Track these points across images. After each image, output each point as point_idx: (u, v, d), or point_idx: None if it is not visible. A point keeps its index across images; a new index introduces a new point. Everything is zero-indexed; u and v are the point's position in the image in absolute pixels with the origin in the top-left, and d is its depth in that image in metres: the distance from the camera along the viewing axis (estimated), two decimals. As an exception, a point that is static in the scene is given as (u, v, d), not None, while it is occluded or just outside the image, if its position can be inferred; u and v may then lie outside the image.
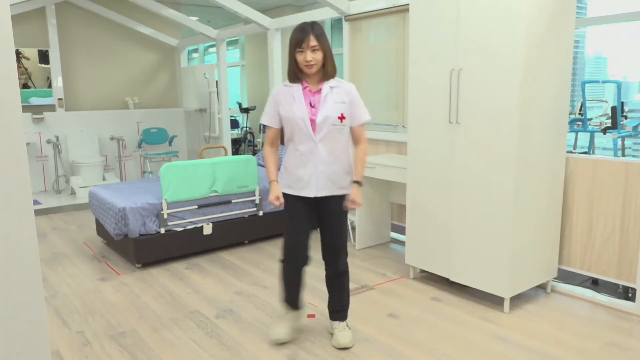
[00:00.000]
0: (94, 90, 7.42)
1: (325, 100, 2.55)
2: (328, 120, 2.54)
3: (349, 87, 2.62)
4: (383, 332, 2.91)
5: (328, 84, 2.57)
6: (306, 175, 2.58)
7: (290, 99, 2.56)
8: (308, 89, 2.57)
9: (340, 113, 2.56)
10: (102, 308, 3.30)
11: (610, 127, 4.54)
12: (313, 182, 2.59)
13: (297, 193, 2.63)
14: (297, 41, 2.48)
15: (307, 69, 2.50)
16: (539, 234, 3.20)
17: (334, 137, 2.58)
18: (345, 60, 4.97)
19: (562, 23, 3.03)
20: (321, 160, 2.57)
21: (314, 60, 2.48)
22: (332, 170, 2.60)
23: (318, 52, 2.49)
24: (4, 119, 1.59)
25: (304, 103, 2.54)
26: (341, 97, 2.58)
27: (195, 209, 4.21)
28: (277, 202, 2.61)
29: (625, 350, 2.67)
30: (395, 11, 4.38)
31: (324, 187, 2.60)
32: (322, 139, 2.55)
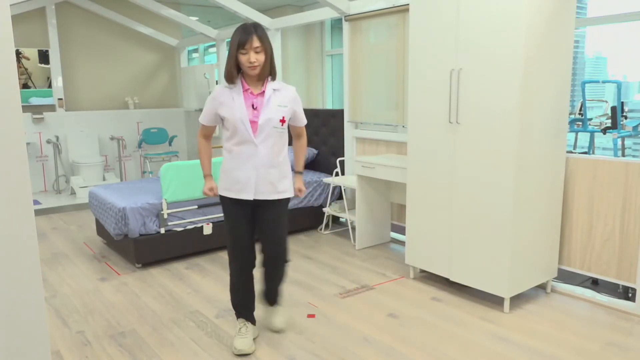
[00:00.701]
0: (94, 90, 7.42)
1: (268, 102, 2.54)
2: (270, 122, 2.53)
3: (291, 91, 2.64)
4: (383, 332, 2.91)
5: (271, 87, 2.57)
6: (245, 177, 2.56)
7: (230, 100, 2.54)
8: (250, 91, 2.55)
9: (282, 116, 2.56)
10: (102, 308, 3.30)
11: (610, 127, 4.54)
12: (252, 185, 2.57)
13: (235, 196, 2.60)
14: (240, 42, 2.46)
15: (251, 70, 2.49)
16: (539, 234, 3.20)
17: (274, 139, 2.57)
18: (345, 60, 4.97)
19: (562, 23, 3.03)
20: (261, 162, 2.55)
21: (257, 61, 2.47)
22: (272, 173, 2.58)
23: (261, 53, 2.48)
24: (4, 119, 1.59)
25: (244, 105, 2.52)
26: (284, 100, 2.58)
27: (195, 209, 4.21)
28: (211, 193, 2.67)
29: (625, 350, 2.67)
30: (395, 11, 4.38)
31: (264, 190, 2.59)
32: (262, 141, 2.54)
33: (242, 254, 2.69)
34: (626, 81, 5.61)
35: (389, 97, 4.61)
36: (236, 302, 2.79)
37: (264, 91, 2.56)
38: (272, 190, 2.60)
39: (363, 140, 4.95)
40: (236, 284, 2.76)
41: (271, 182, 2.59)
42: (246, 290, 2.78)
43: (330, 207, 4.92)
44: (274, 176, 2.60)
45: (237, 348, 2.65)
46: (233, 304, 2.80)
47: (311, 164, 5.47)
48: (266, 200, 2.62)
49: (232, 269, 2.74)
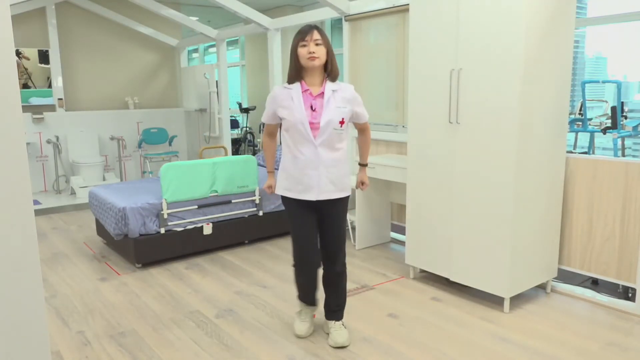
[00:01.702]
0: (94, 90, 7.42)
1: (328, 104, 2.54)
2: (330, 124, 2.54)
3: (349, 89, 2.63)
4: (383, 332, 2.91)
5: (330, 87, 2.57)
6: (307, 178, 2.58)
7: (289, 101, 2.55)
8: (309, 92, 2.56)
9: (342, 117, 2.57)
10: (102, 308, 3.30)
11: (610, 127, 4.54)
12: (315, 186, 2.58)
13: (298, 196, 2.62)
14: (300, 36, 2.50)
15: (310, 61, 2.49)
16: (539, 234, 3.20)
17: (334, 140, 2.58)
18: (345, 60, 4.96)
19: (562, 23, 3.03)
20: (322, 163, 2.57)
21: (317, 52, 2.48)
22: (333, 172, 2.60)
23: (321, 46, 2.50)
24: (4, 119, 1.59)
25: (303, 106, 2.53)
26: (343, 101, 2.58)
27: (195, 209, 4.21)
28: (269, 191, 2.81)
29: (625, 350, 2.67)
30: (395, 11, 4.38)
31: (326, 190, 2.60)
32: (322, 143, 2.55)
33: (309, 253, 2.71)
34: (626, 81, 5.61)
35: (389, 97, 4.61)
36: (301, 291, 2.85)
37: (323, 92, 2.56)
38: (334, 189, 2.62)
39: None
40: (303, 284, 2.81)
41: (332, 181, 2.61)
42: (312, 284, 2.81)
43: (330, 207, 4.91)
44: (335, 175, 2.61)
45: (296, 332, 2.85)
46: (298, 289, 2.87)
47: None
48: (329, 199, 2.63)
49: (298, 270, 2.77)
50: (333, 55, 2.57)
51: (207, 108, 7.35)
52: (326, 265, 2.78)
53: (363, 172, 2.89)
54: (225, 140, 7.15)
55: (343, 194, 2.67)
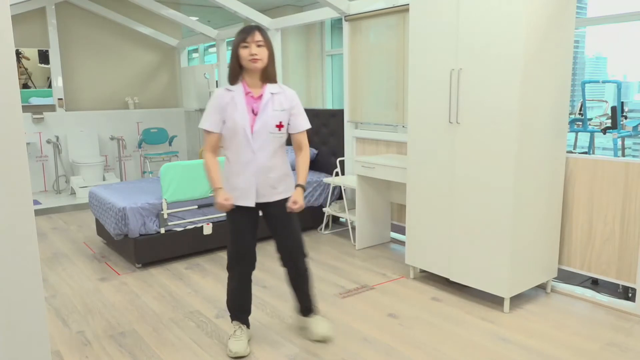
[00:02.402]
0: (94, 90, 7.43)
1: (265, 107, 2.50)
2: (265, 128, 2.50)
3: (290, 94, 2.59)
4: (383, 332, 2.91)
5: (269, 90, 2.53)
6: (244, 183, 2.54)
7: (232, 105, 2.50)
8: (250, 95, 2.52)
9: (279, 121, 2.53)
10: (102, 308, 3.30)
11: (610, 127, 4.54)
12: (252, 191, 2.55)
13: (235, 202, 2.57)
14: (242, 37, 2.45)
15: (252, 63, 2.44)
16: (539, 234, 3.20)
17: (272, 144, 2.54)
18: (345, 60, 4.97)
19: (562, 23, 3.03)
20: (259, 168, 2.52)
21: (259, 54, 2.44)
22: (271, 177, 2.56)
23: (263, 48, 2.45)
24: (4, 119, 1.59)
25: (246, 110, 2.50)
26: (281, 104, 2.54)
27: (195, 209, 4.21)
28: (227, 203, 2.50)
29: (625, 350, 2.67)
30: (395, 11, 4.38)
31: (264, 194, 2.57)
32: (260, 147, 2.51)
33: (245, 259, 2.68)
34: (626, 81, 5.61)
35: (389, 97, 4.61)
36: (234, 306, 2.76)
37: (262, 95, 2.53)
38: (272, 192, 2.59)
39: (363, 140, 4.95)
40: (235, 289, 2.73)
41: (271, 185, 2.58)
42: (245, 294, 2.75)
43: (330, 207, 4.92)
44: (274, 179, 2.58)
45: (233, 351, 2.63)
46: (229, 306, 2.77)
47: (311, 164, 5.47)
48: (269, 202, 2.61)
49: (233, 273, 2.71)
50: (273, 58, 2.53)
51: (207, 108, 7.34)
52: (288, 268, 2.75)
53: (298, 192, 2.60)
54: (225, 140, 7.14)
55: (281, 196, 2.62)
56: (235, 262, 2.69)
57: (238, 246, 2.65)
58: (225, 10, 5.75)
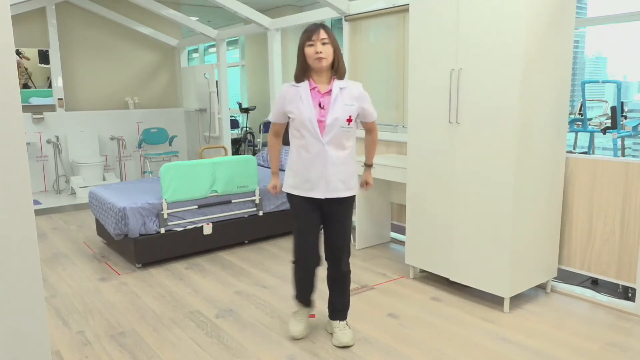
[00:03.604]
0: (94, 90, 7.42)
1: (335, 102, 2.53)
2: (337, 122, 2.53)
3: (357, 87, 2.62)
4: (383, 332, 2.91)
5: (338, 85, 2.56)
6: (314, 176, 2.57)
7: (297, 98, 2.54)
8: (317, 90, 2.55)
9: (349, 115, 2.55)
10: (102, 308, 3.30)
11: (610, 127, 4.54)
12: (322, 184, 2.58)
13: (305, 194, 2.62)
14: (307, 35, 2.49)
15: (317, 62, 2.48)
16: (539, 234, 3.20)
17: (342, 138, 2.57)
18: (345, 60, 4.96)
19: (562, 23, 3.03)
20: (330, 161, 2.55)
21: (324, 52, 2.47)
22: (341, 171, 2.59)
23: (328, 45, 2.48)
24: (4, 119, 1.59)
25: (312, 104, 2.53)
26: (350, 99, 2.57)
27: (195, 209, 4.21)
28: (274, 191, 2.81)
29: (625, 350, 2.67)
30: (395, 11, 4.38)
31: (334, 188, 2.59)
32: (329, 141, 2.54)
33: (309, 250, 2.71)
34: (626, 81, 5.62)
35: (389, 97, 4.61)
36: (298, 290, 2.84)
37: (330, 90, 2.55)
38: (342, 187, 2.61)
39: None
40: (301, 280, 2.80)
41: (340, 179, 2.60)
42: (310, 282, 2.80)
43: (330, 207, 4.91)
44: (343, 174, 2.60)
45: (292, 332, 2.82)
46: (295, 289, 2.86)
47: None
48: (336, 198, 2.63)
49: (298, 266, 2.77)
50: (340, 53, 2.57)
51: (207, 108, 7.35)
52: (331, 265, 2.78)
53: (368, 173, 2.86)
54: (225, 140, 7.15)
55: (350, 193, 2.66)
56: (299, 257, 2.74)
57: (304, 238, 2.70)
58: (225, 10, 5.75)
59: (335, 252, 2.75)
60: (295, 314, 2.90)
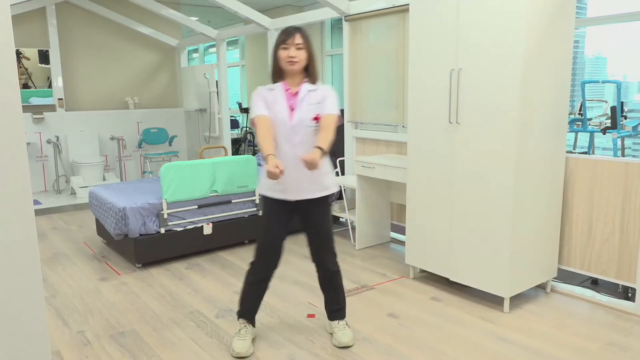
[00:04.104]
0: (94, 90, 7.43)
1: (301, 102, 2.53)
2: (302, 122, 2.52)
3: (325, 88, 2.62)
4: (383, 332, 2.91)
5: (307, 87, 2.56)
6: (287, 178, 2.55)
7: (274, 101, 2.54)
8: (290, 92, 2.56)
9: (315, 114, 2.54)
10: (102, 308, 3.30)
11: (610, 127, 4.54)
12: (294, 186, 2.56)
13: (276, 196, 2.60)
14: (282, 38, 2.49)
15: (289, 65, 2.48)
16: (539, 234, 3.20)
17: (312, 138, 2.54)
18: (345, 60, 4.97)
19: (562, 23, 3.04)
20: (300, 163, 2.51)
21: (297, 57, 2.47)
22: (312, 172, 2.54)
23: (302, 51, 2.49)
24: (4, 119, 1.59)
25: (286, 105, 2.53)
26: (317, 98, 2.56)
27: (195, 209, 4.21)
28: (277, 170, 2.30)
29: (625, 350, 2.67)
30: (395, 11, 4.38)
31: (305, 190, 2.58)
32: (300, 142, 2.53)
33: (271, 253, 2.68)
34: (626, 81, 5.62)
35: (389, 97, 4.61)
36: (245, 302, 2.77)
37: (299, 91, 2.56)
38: (313, 189, 2.60)
39: (363, 140, 4.95)
40: (252, 284, 2.74)
41: (311, 181, 2.58)
42: (259, 292, 2.75)
43: (330, 207, 4.91)
44: (314, 175, 2.58)
45: (236, 350, 2.64)
46: (241, 303, 2.77)
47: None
48: (309, 199, 2.61)
49: (255, 268, 2.72)
50: (314, 59, 2.56)
51: (207, 108, 7.35)
52: (318, 267, 2.76)
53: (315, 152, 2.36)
54: (225, 140, 7.16)
55: (323, 193, 2.64)
56: (260, 256, 2.70)
57: (268, 240, 2.67)
58: (225, 10, 5.75)
59: (319, 253, 2.72)
60: (238, 331, 2.73)
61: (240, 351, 2.64)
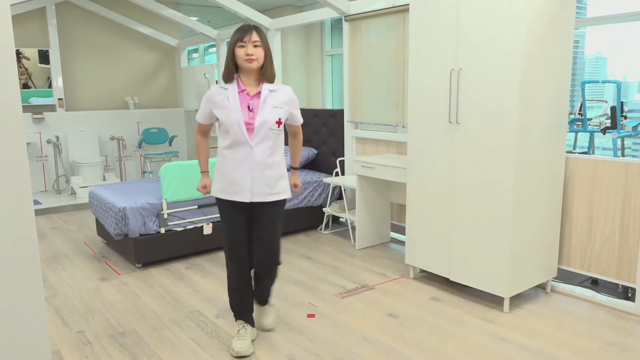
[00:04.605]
0: (94, 90, 7.43)
1: (264, 104, 2.50)
2: (266, 124, 2.50)
3: (287, 91, 2.61)
4: (383, 332, 2.91)
5: (267, 87, 2.53)
6: (240, 179, 2.53)
7: (225, 101, 2.51)
8: (245, 92, 2.52)
9: (278, 118, 2.53)
10: (102, 308, 3.30)
11: (609, 127, 4.54)
12: (248, 187, 2.53)
13: (231, 198, 2.57)
14: (239, 36, 2.46)
15: (247, 63, 2.45)
16: (539, 234, 3.20)
17: (271, 141, 2.53)
18: (345, 60, 4.97)
19: (562, 23, 3.04)
20: (257, 164, 2.51)
21: (255, 55, 2.45)
22: (268, 174, 2.55)
23: (259, 48, 2.47)
24: (4, 119, 1.59)
25: (239, 106, 2.49)
26: (280, 101, 2.55)
27: (195, 209, 4.21)
28: (204, 191, 2.72)
29: (625, 350, 2.67)
30: (395, 11, 4.38)
31: (260, 192, 2.55)
32: (258, 143, 2.50)
33: (240, 255, 2.67)
34: (626, 81, 5.62)
35: (389, 97, 4.61)
36: (235, 304, 2.77)
37: (259, 92, 2.53)
38: (268, 192, 2.57)
39: (363, 140, 4.95)
40: (234, 286, 2.74)
41: (267, 183, 2.56)
42: (245, 291, 2.76)
43: (330, 207, 4.92)
44: (270, 178, 2.56)
45: (236, 350, 2.64)
46: (232, 305, 2.78)
47: (311, 164, 5.47)
48: (262, 202, 2.60)
49: (230, 271, 2.72)
50: (270, 57, 2.54)
51: (207, 108, 7.34)
52: (261, 271, 2.75)
53: (295, 175, 2.84)
54: (225, 140, 7.14)
55: (278, 197, 2.61)
56: (230, 259, 2.69)
57: (233, 243, 2.66)
58: (225, 10, 5.75)
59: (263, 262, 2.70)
60: (237, 331, 2.73)
61: (240, 350, 2.64)
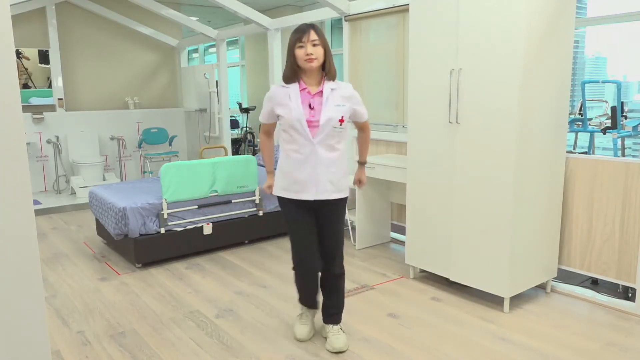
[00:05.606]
0: (94, 90, 7.42)
1: (327, 102, 2.51)
2: (330, 122, 2.50)
3: (348, 87, 2.61)
4: (383, 332, 2.91)
5: (329, 86, 2.53)
6: (304, 177, 2.53)
7: (286, 99, 2.52)
8: (307, 91, 2.53)
9: (341, 115, 2.53)
10: (102, 308, 3.30)
11: (610, 127, 4.54)
12: (312, 185, 2.54)
13: (294, 196, 2.58)
14: (297, 37, 2.46)
15: (308, 63, 2.45)
16: (539, 234, 3.20)
17: (333, 139, 2.54)
18: (345, 60, 4.97)
19: (562, 23, 3.04)
20: (320, 162, 2.52)
21: (315, 54, 2.45)
22: (331, 172, 2.56)
23: (318, 47, 2.46)
24: (4, 119, 1.59)
25: (301, 104, 2.50)
26: (342, 99, 2.55)
27: (195, 209, 4.21)
28: (269, 191, 2.73)
29: (625, 350, 2.67)
30: (395, 11, 4.38)
31: (324, 190, 2.56)
32: (321, 141, 2.51)
33: (308, 257, 2.66)
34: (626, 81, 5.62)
35: (389, 97, 4.61)
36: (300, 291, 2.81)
37: (321, 90, 2.53)
38: (332, 189, 2.58)
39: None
40: (302, 285, 2.77)
41: (331, 181, 2.56)
42: (311, 282, 2.74)
43: (330, 207, 4.91)
44: (334, 175, 2.57)
45: (297, 336, 2.81)
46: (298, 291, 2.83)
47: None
48: (326, 200, 2.59)
49: (298, 272, 2.74)
50: (330, 54, 2.54)
51: (207, 108, 7.35)
52: (324, 267, 2.74)
53: (361, 170, 2.87)
54: (225, 140, 7.15)
55: (341, 195, 2.63)
56: (299, 264, 2.71)
57: (300, 243, 2.66)
58: (225, 10, 5.75)
59: (328, 255, 2.71)
60: (300, 316, 2.87)
61: (301, 336, 2.80)
